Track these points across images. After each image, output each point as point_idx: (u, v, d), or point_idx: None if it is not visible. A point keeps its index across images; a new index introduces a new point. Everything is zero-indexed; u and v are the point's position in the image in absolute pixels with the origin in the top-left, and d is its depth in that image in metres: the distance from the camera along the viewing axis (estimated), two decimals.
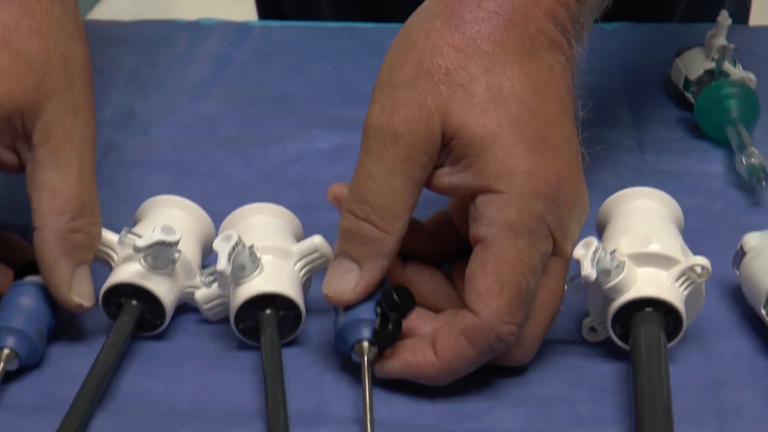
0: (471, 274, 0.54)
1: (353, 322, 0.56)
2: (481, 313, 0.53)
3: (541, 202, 0.54)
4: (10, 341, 0.57)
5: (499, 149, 0.54)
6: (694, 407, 0.56)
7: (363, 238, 0.55)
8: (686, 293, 0.58)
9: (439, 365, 0.54)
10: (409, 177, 0.55)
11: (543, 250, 0.54)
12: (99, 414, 0.55)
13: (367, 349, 0.56)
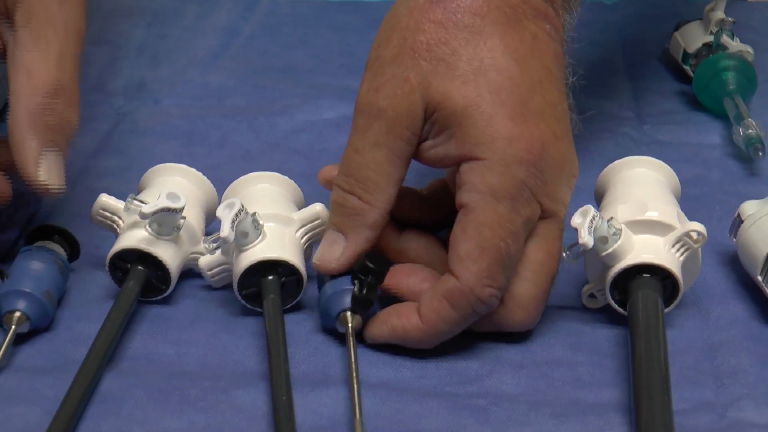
0: (453, 239, 0.54)
1: (334, 294, 0.56)
2: (462, 277, 0.53)
3: (523, 167, 0.54)
4: (20, 304, 0.56)
5: (479, 117, 0.54)
6: (690, 370, 0.55)
7: (347, 210, 0.56)
8: (682, 259, 0.57)
9: (424, 328, 0.54)
10: (392, 151, 0.55)
11: (525, 215, 0.54)
12: (110, 374, 0.55)
13: (350, 318, 0.56)
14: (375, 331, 0.56)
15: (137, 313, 0.59)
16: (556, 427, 0.52)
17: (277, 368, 0.53)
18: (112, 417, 0.53)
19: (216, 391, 0.54)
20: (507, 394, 0.54)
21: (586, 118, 0.75)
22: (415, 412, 0.53)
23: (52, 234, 0.61)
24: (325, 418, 0.53)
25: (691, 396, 0.54)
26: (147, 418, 0.53)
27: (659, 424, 0.50)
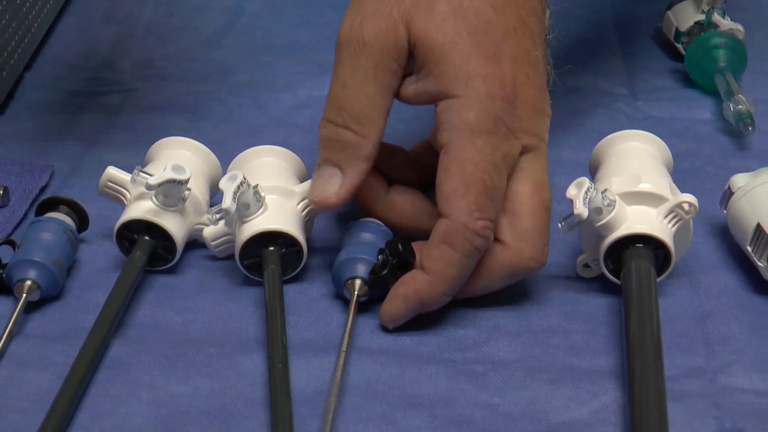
0: (438, 180, 0.54)
1: (347, 260, 0.56)
2: (452, 214, 0.53)
3: (498, 103, 0.54)
4: (31, 273, 0.56)
5: (456, 56, 0.54)
6: (682, 337, 0.55)
7: (343, 144, 0.55)
8: (674, 229, 0.57)
9: (433, 279, 0.53)
10: (381, 83, 0.55)
11: (504, 149, 0.54)
12: (119, 341, 0.55)
13: (358, 286, 0.55)
14: (390, 310, 0.55)
15: (144, 282, 0.59)
16: (551, 392, 0.52)
17: (274, 336, 0.53)
18: (121, 382, 0.53)
19: (221, 357, 0.54)
20: (504, 360, 0.54)
21: (580, 95, 0.76)
22: (414, 377, 0.53)
23: (62, 205, 0.61)
24: (326, 383, 0.52)
25: (683, 362, 0.54)
26: (154, 382, 0.53)
27: (652, 389, 0.49)
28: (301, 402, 0.51)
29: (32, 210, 0.64)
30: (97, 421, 0.51)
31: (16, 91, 0.76)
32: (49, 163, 0.68)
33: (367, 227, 0.58)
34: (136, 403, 0.51)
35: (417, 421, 0.50)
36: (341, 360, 0.52)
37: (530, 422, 0.50)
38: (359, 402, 0.51)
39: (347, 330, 0.53)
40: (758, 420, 0.50)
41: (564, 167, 0.67)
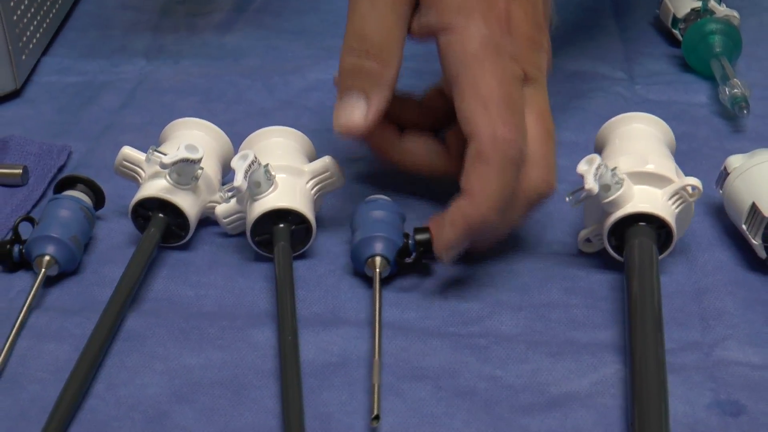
0: (457, 109, 0.53)
1: (365, 239, 0.55)
2: (477, 132, 0.52)
3: (497, 32, 0.53)
4: (50, 249, 0.56)
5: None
6: (679, 313, 0.55)
7: (366, 71, 0.55)
8: (677, 210, 0.56)
9: (475, 200, 0.52)
10: (398, 14, 0.55)
11: (511, 71, 0.53)
12: (134, 314, 0.54)
13: (378, 263, 0.55)
14: (442, 240, 0.53)
15: (158, 258, 0.58)
16: (552, 364, 0.52)
17: (284, 310, 0.53)
18: (136, 353, 0.52)
19: (232, 330, 0.54)
20: (506, 334, 0.53)
21: (580, 79, 0.75)
22: (420, 350, 0.52)
23: (79, 184, 0.60)
24: (335, 356, 0.52)
25: (679, 336, 0.53)
26: (168, 354, 0.52)
27: (652, 360, 0.49)
28: (310, 373, 0.51)
29: (50, 188, 0.64)
30: (114, 390, 0.50)
31: (35, 75, 0.76)
32: (66, 144, 0.68)
33: (378, 205, 0.57)
34: (151, 374, 0.51)
35: (422, 392, 0.50)
36: (377, 337, 0.51)
37: (532, 393, 0.50)
38: (366, 374, 0.51)
39: (376, 307, 0.53)
40: (752, 392, 0.50)
41: (564, 148, 0.66)
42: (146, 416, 0.49)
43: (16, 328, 0.53)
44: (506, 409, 0.49)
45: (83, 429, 0.48)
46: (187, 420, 0.49)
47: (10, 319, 0.53)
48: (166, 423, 0.49)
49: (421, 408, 0.49)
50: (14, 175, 0.64)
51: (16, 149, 0.66)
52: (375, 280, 0.54)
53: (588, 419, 0.49)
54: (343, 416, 0.49)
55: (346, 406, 0.49)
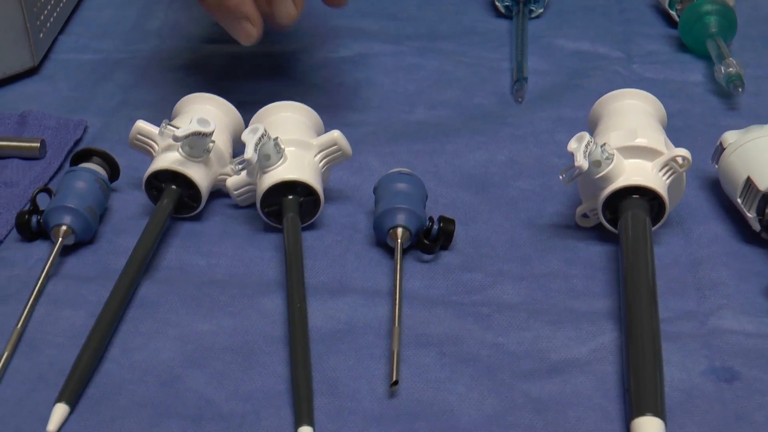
0: None
1: (387, 211, 0.55)
2: None
3: None
4: (66, 219, 0.55)
5: None
6: (675, 283, 0.54)
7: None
8: (669, 181, 0.55)
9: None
10: None
11: None
12: (147, 282, 0.54)
13: (400, 233, 0.54)
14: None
15: (171, 228, 0.58)
16: (552, 332, 0.51)
17: (293, 278, 0.52)
18: (149, 320, 0.52)
19: (243, 297, 0.53)
20: (508, 303, 0.53)
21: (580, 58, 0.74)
22: (424, 317, 0.52)
23: (94, 156, 0.60)
24: (342, 323, 0.52)
25: (676, 306, 0.52)
26: (181, 321, 0.52)
27: (647, 330, 0.49)
28: (318, 340, 0.50)
29: (67, 161, 0.63)
30: (128, 355, 0.50)
31: (52, 52, 0.75)
32: (82, 119, 0.67)
33: (401, 177, 0.57)
34: (164, 340, 0.51)
35: (426, 358, 0.50)
36: (397, 306, 0.51)
37: (533, 360, 0.50)
38: (372, 340, 0.51)
39: (397, 276, 0.52)
40: (746, 359, 0.49)
41: (564, 124, 0.66)
42: (159, 380, 0.49)
43: (35, 294, 0.52)
44: (508, 374, 0.49)
45: (99, 391, 0.48)
46: (198, 384, 0.48)
47: (29, 287, 0.53)
48: (179, 386, 0.48)
49: (426, 373, 0.49)
50: (32, 148, 0.63)
51: (34, 124, 0.66)
52: (396, 250, 0.54)
53: (587, 385, 0.48)
54: (349, 381, 0.48)
55: (352, 371, 0.49)
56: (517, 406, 0.47)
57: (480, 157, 0.64)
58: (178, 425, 0.46)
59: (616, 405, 0.47)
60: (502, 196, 0.60)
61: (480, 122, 0.67)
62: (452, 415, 0.47)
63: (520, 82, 0.70)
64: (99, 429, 0.46)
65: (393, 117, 0.68)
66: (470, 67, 0.73)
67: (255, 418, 0.47)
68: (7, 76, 0.71)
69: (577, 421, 0.47)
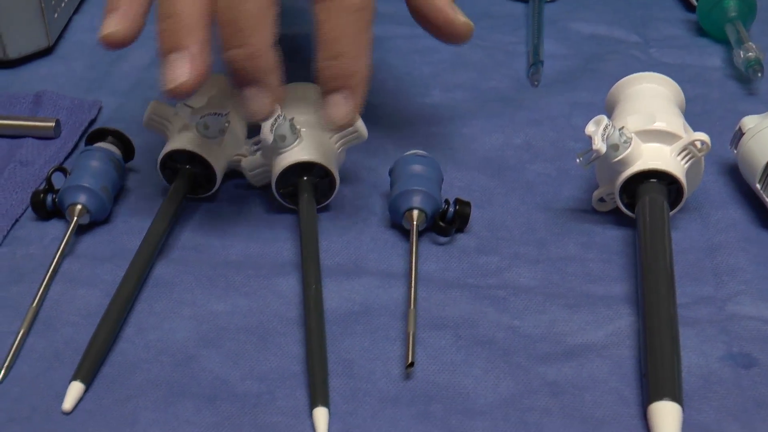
0: None
1: (403, 193, 0.54)
2: None
3: None
4: (81, 198, 0.55)
5: None
6: (692, 268, 0.54)
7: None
8: (687, 166, 0.55)
9: None
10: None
11: None
12: (162, 262, 0.54)
13: (416, 216, 0.54)
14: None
15: (186, 208, 0.57)
16: (569, 315, 0.51)
17: (309, 260, 0.52)
18: (164, 299, 0.52)
19: (258, 278, 0.53)
20: (524, 286, 0.53)
21: (596, 42, 0.73)
22: (440, 300, 0.52)
23: (109, 136, 0.59)
24: (357, 304, 0.51)
25: (693, 291, 0.52)
26: (196, 300, 0.52)
27: (664, 315, 0.48)
28: (333, 321, 0.50)
29: (82, 141, 0.63)
30: (143, 335, 0.50)
31: (66, 33, 0.75)
32: (97, 99, 0.67)
33: (417, 159, 0.56)
34: (179, 319, 0.51)
35: (442, 341, 0.49)
36: (412, 288, 0.50)
37: (549, 343, 0.49)
38: (387, 322, 0.50)
39: (413, 258, 0.52)
40: (764, 345, 0.49)
41: (580, 108, 0.66)
42: (174, 359, 0.48)
43: (50, 273, 0.52)
44: (524, 357, 0.49)
45: (114, 370, 0.48)
46: (213, 364, 0.48)
47: (44, 265, 0.53)
48: (194, 366, 0.48)
49: (441, 356, 0.49)
50: (47, 128, 0.63)
51: (49, 103, 0.66)
52: (412, 232, 0.54)
53: (603, 369, 0.48)
54: (365, 362, 0.48)
55: (367, 352, 0.49)
56: (533, 389, 0.47)
57: (496, 140, 0.63)
58: (193, 404, 0.46)
59: (632, 389, 0.47)
60: (518, 179, 0.60)
61: (496, 106, 0.67)
62: (468, 397, 0.47)
63: (536, 65, 0.70)
64: (114, 407, 0.46)
65: (408, 100, 0.68)
66: (486, 51, 0.73)
67: (270, 398, 0.47)
68: (21, 56, 0.71)
69: (593, 405, 0.46)
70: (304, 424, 0.45)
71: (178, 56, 0.49)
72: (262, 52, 0.49)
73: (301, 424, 0.45)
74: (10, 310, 0.51)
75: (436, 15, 0.56)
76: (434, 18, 0.56)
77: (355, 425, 0.45)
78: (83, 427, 0.45)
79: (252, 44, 0.49)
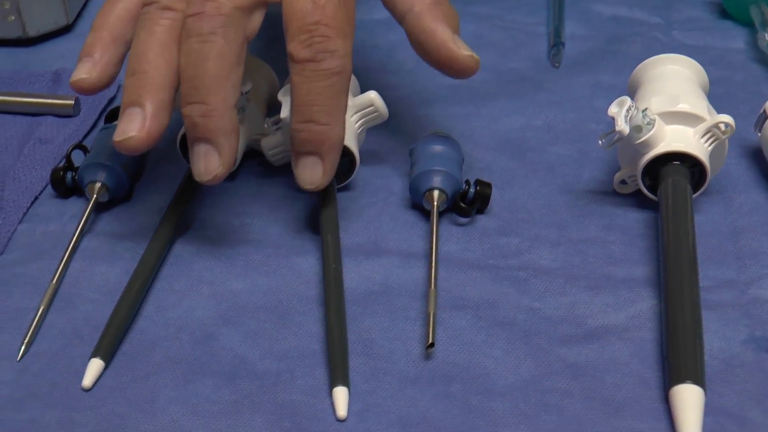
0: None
1: (423, 173, 0.54)
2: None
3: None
4: (101, 176, 0.55)
5: None
6: (715, 252, 0.53)
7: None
8: (710, 149, 0.54)
9: None
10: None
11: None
12: (181, 239, 0.54)
13: (436, 196, 0.54)
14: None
15: (205, 186, 0.57)
16: (590, 298, 0.50)
17: (329, 240, 0.51)
18: (184, 277, 0.51)
19: (277, 257, 0.53)
20: (545, 267, 0.52)
21: (618, 23, 0.73)
22: (460, 280, 0.51)
23: None
24: (376, 284, 0.51)
25: (715, 274, 0.52)
26: (215, 279, 0.51)
27: (687, 298, 0.48)
28: (353, 301, 0.50)
29: (101, 119, 0.63)
30: (162, 312, 0.50)
31: (85, 11, 0.74)
32: None
33: (438, 140, 0.56)
34: (198, 297, 0.50)
35: (462, 321, 0.49)
36: (433, 268, 0.50)
37: (570, 325, 0.49)
38: (407, 302, 0.50)
39: (433, 239, 0.52)
40: None
41: (601, 90, 0.65)
42: (194, 337, 0.48)
43: (69, 250, 0.52)
44: (544, 339, 0.48)
45: (133, 348, 0.48)
46: (233, 342, 0.48)
47: (63, 243, 0.53)
48: (213, 344, 0.48)
49: (461, 336, 0.48)
50: (66, 105, 0.63)
51: (68, 81, 0.65)
52: (432, 213, 0.53)
53: (624, 351, 0.48)
54: (384, 342, 0.48)
55: (387, 332, 0.49)
56: (554, 371, 0.47)
57: (516, 121, 0.63)
58: (212, 382, 0.46)
59: (654, 372, 0.47)
60: (539, 161, 0.60)
61: (516, 87, 0.66)
62: (488, 378, 0.46)
63: (557, 46, 0.69)
64: (133, 384, 0.46)
65: (428, 80, 0.67)
66: (506, 32, 0.72)
67: (289, 377, 0.46)
68: (41, 34, 0.71)
69: (614, 387, 0.46)
70: (323, 403, 0.45)
71: (134, 111, 0.49)
72: (217, 112, 0.49)
73: (320, 403, 0.45)
74: (30, 286, 0.51)
75: (438, 50, 0.54)
76: (436, 54, 0.54)
77: (375, 405, 0.45)
78: (103, 404, 0.45)
79: (209, 103, 0.48)
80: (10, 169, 0.58)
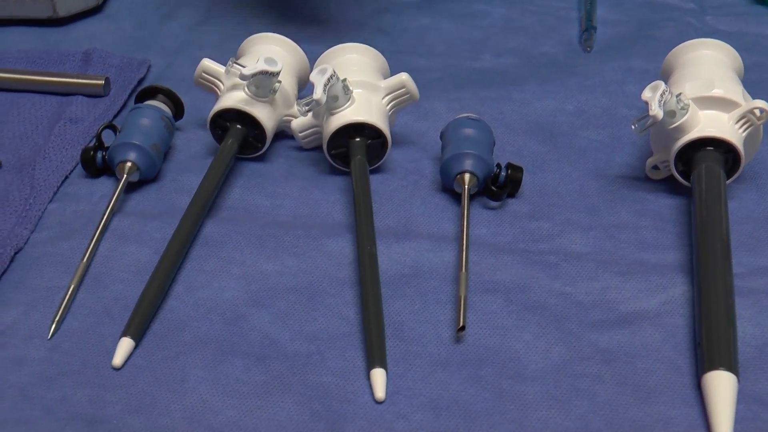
0: None
1: (454, 156, 0.54)
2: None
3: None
4: (131, 155, 0.55)
5: None
6: (748, 238, 0.52)
7: None
8: (745, 134, 0.54)
9: None
10: None
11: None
12: (211, 221, 0.53)
13: (467, 179, 0.53)
14: None
15: (235, 168, 0.57)
16: (621, 283, 0.50)
17: (362, 221, 0.51)
18: (214, 258, 0.51)
19: (307, 239, 0.52)
20: (576, 252, 0.52)
21: (651, 8, 0.72)
22: (491, 264, 0.51)
23: (159, 94, 0.59)
24: (407, 267, 0.51)
25: (749, 261, 0.51)
26: (245, 260, 0.51)
27: (720, 284, 0.47)
28: (384, 283, 0.49)
29: (131, 99, 0.63)
30: (192, 293, 0.50)
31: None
32: (146, 58, 0.66)
33: (469, 123, 0.55)
34: (228, 278, 0.50)
35: (493, 305, 0.49)
36: (464, 252, 0.50)
37: (601, 310, 0.49)
38: (438, 285, 0.50)
39: (464, 222, 0.51)
40: None
41: (634, 75, 0.64)
42: (224, 318, 0.48)
43: (99, 230, 0.52)
44: (576, 324, 0.48)
45: (164, 327, 0.48)
46: (263, 323, 0.48)
47: (94, 222, 0.53)
48: (243, 325, 0.48)
49: (492, 320, 0.48)
50: (97, 85, 0.63)
51: (98, 61, 0.65)
52: (463, 196, 0.53)
53: (656, 337, 0.47)
54: (415, 325, 0.48)
55: (418, 315, 0.48)
56: (585, 356, 0.46)
57: (548, 105, 0.62)
58: (242, 363, 0.46)
59: (686, 358, 0.46)
60: (570, 145, 0.59)
61: (547, 71, 0.66)
62: (519, 362, 0.46)
63: (588, 31, 0.68)
64: (164, 364, 0.46)
65: (458, 63, 0.67)
66: (537, 16, 0.71)
67: (320, 358, 0.46)
68: (71, 14, 0.71)
69: (646, 373, 0.46)
70: (353, 384, 0.45)
71: None
72: None
73: (350, 384, 0.45)
74: (61, 265, 0.51)
75: None
76: None
77: (406, 387, 0.45)
78: (133, 383, 0.45)
79: None
80: (41, 148, 0.58)
